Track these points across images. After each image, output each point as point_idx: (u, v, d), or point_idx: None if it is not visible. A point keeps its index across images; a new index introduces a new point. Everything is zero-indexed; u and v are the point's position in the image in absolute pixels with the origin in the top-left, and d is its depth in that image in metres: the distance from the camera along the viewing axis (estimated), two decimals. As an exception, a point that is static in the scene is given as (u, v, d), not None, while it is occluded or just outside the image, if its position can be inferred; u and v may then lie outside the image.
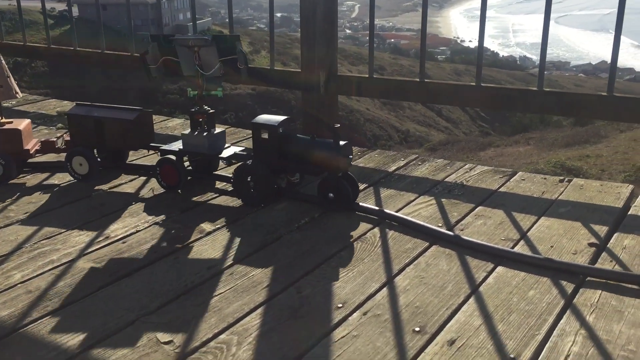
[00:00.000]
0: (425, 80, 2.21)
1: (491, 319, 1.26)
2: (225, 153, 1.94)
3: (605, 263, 1.47)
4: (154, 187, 1.99)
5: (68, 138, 2.07)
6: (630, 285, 1.36)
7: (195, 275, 1.45)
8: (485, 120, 29.84)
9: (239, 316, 1.29)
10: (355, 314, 1.29)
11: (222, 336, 1.22)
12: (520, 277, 1.42)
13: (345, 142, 1.76)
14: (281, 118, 1.82)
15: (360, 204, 1.79)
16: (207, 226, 1.71)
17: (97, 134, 1.99)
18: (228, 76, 1.92)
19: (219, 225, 1.72)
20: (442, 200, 1.87)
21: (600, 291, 1.34)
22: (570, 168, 9.16)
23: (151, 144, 2.04)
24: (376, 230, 1.68)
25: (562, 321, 1.25)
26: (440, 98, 2.20)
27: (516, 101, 2.04)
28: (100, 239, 1.64)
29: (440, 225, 1.70)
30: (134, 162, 2.22)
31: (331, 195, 1.78)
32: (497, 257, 1.50)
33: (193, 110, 1.94)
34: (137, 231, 1.69)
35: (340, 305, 1.32)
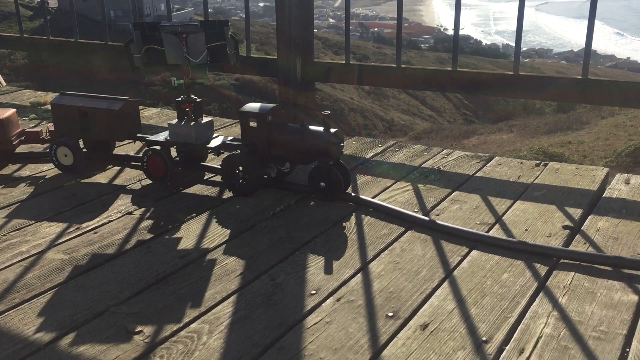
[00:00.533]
0: (402, 65, 2.20)
1: (464, 303, 1.25)
2: (213, 143, 1.88)
3: (579, 245, 1.47)
4: (141, 178, 1.95)
5: (52, 128, 2.03)
6: (603, 267, 1.36)
7: (167, 265, 1.43)
8: (469, 109, 29.95)
9: (211, 305, 1.27)
10: (328, 300, 1.28)
11: (194, 325, 1.20)
12: (495, 261, 1.41)
13: (335, 129, 1.71)
14: (270, 106, 1.77)
15: (353, 194, 1.76)
16: (180, 215, 1.69)
17: (82, 124, 1.94)
18: (215, 63, 1.87)
19: (193, 215, 1.70)
20: (419, 185, 1.87)
21: (574, 273, 1.35)
22: (553, 154, 9.23)
23: (138, 135, 1.98)
24: (352, 216, 1.67)
25: (534, 303, 1.24)
26: (416, 83, 2.19)
27: (493, 85, 2.03)
28: (71, 229, 1.61)
29: (416, 210, 1.69)
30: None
31: (323, 184, 1.74)
32: (472, 241, 1.50)
33: (179, 99, 1.89)
34: (109, 221, 1.66)
35: (313, 291, 1.31)
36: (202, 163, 2.00)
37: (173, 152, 1.94)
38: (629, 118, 13.03)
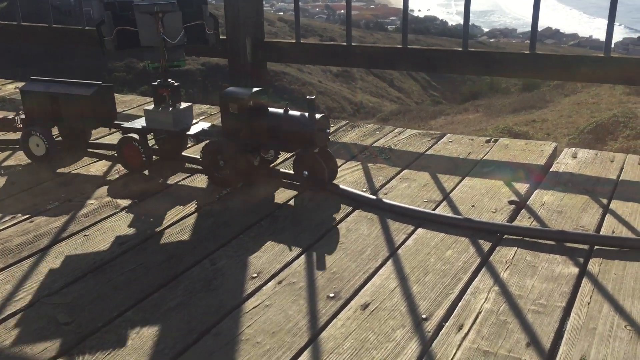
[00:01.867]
0: (353, 44, 2.16)
1: (407, 281, 1.24)
2: (193, 130, 1.78)
3: (524, 220, 1.47)
4: (119, 168, 1.86)
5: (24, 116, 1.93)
6: (545, 241, 1.36)
7: (104, 253, 1.38)
8: (436, 90, 30.12)
9: (149, 292, 1.23)
10: (270, 283, 1.26)
11: (128, 313, 1.16)
12: (439, 238, 1.40)
13: (321, 114, 1.62)
14: (252, 90, 1.66)
15: (341, 186, 1.64)
16: (122, 201, 1.64)
17: (54, 111, 1.83)
18: (192, 44, 1.77)
19: (136, 200, 1.65)
20: (369, 165, 1.85)
21: (517, 248, 1.34)
22: (518, 133, 9.34)
23: (114, 122, 1.87)
24: (299, 198, 1.64)
25: (476, 279, 1.24)
26: (366, 61, 2.16)
27: (442, 62, 2.02)
28: (6, 218, 1.55)
29: (364, 190, 1.67)
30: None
31: (306, 173, 1.65)
32: (418, 219, 1.49)
33: (156, 83, 1.79)
34: (47, 209, 1.60)
35: (255, 275, 1.28)
36: (182, 153, 1.89)
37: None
38: (591, 96, 13.25)
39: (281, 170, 1.77)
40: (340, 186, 1.64)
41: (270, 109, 1.67)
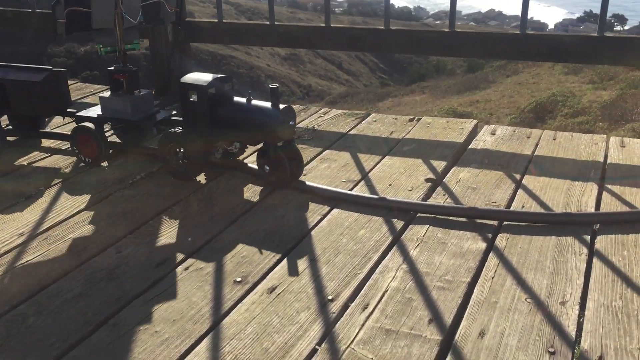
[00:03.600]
0: (276, 23, 2.12)
1: (317, 262, 1.22)
2: (154, 118, 1.66)
3: (438, 197, 1.48)
4: (74, 160, 1.74)
5: None
6: (457, 219, 1.37)
7: (2, 244, 1.31)
8: (384, 72, 30.30)
9: (46, 284, 1.17)
10: (177, 269, 1.21)
11: (21, 307, 1.10)
12: (354, 218, 1.39)
13: (285, 105, 1.48)
14: (213, 76, 1.52)
15: (308, 182, 1.53)
16: (28, 189, 1.56)
17: (1, 99, 1.70)
18: (148, 24, 1.66)
19: (42, 188, 1.57)
20: (290, 146, 1.81)
21: (429, 226, 1.34)
22: (462, 114, 9.49)
23: (68, 110, 1.74)
24: (213, 182, 1.59)
25: (386, 258, 1.23)
26: (291, 40, 2.12)
27: (364, 40, 2.00)
28: None
29: (283, 171, 1.64)
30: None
31: (267, 168, 1.52)
32: (334, 200, 1.47)
33: (111, 68, 1.66)
34: (-56, 201, 1.51)
35: (161, 262, 1.24)
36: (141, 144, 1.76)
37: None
38: (531, 76, 13.59)
39: (247, 163, 1.65)
40: (308, 183, 1.53)
41: (234, 98, 1.54)
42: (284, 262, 1.23)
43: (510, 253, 1.22)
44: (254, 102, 1.51)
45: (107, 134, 1.73)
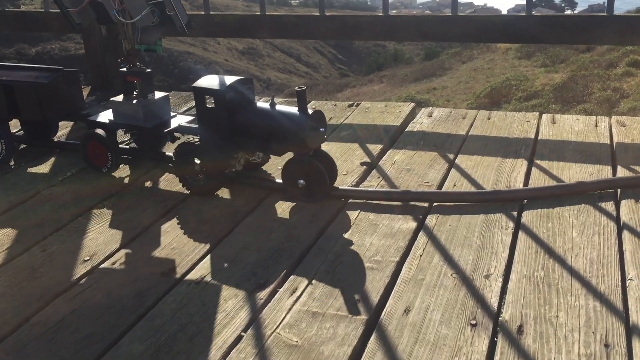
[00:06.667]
0: (211, 13, 2.09)
1: (247, 250, 1.21)
2: (170, 125, 1.52)
3: (372, 180, 1.48)
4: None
5: None
6: (388, 203, 1.37)
7: None
8: (343, 63, 30.34)
9: (-35, 286, 1.13)
10: (103, 265, 1.19)
11: (-64, 312, 1.06)
12: (287, 205, 1.38)
13: (315, 109, 1.35)
14: (232, 79, 1.37)
15: (340, 187, 1.41)
16: (-49, 192, 1.50)
17: (9, 102, 1.58)
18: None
19: (-33, 189, 1.51)
20: (228, 136, 1.79)
21: (359, 210, 1.34)
22: (420, 101, 9.58)
23: (82, 113, 1.61)
24: (147, 175, 1.56)
25: (317, 242, 1.22)
26: (227, 30, 2.09)
27: (299, 27, 1.98)
28: None
29: (219, 162, 1.62)
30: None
31: (301, 182, 1.36)
32: (268, 189, 1.46)
33: (123, 69, 1.52)
34: None
35: (87, 258, 1.21)
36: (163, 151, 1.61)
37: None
38: (486, 62, 13.80)
39: (273, 179, 1.49)
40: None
41: (257, 103, 1.40)
42: (215, 251, 1.21)
43: (440, 231, 1.23)
44: (279, 107, 1.37)
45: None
